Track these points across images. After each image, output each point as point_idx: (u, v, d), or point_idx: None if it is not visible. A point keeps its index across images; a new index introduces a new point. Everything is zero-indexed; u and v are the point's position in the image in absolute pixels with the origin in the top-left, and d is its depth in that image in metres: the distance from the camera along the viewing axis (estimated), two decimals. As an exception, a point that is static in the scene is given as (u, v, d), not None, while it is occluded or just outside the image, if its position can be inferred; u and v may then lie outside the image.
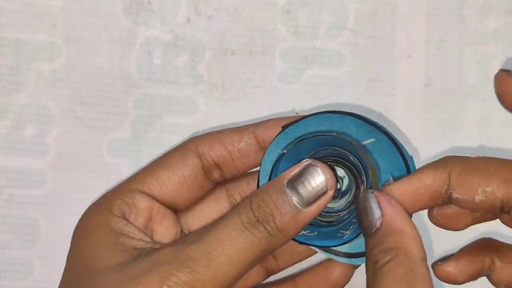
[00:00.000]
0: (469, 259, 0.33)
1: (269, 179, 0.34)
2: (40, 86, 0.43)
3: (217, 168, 0.36)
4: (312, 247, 0.35)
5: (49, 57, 0.43)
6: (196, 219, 0.37)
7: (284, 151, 0.34)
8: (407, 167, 0.33)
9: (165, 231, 0.36)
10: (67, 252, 0.34)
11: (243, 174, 0.37)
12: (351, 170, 0.36)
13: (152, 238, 0.34)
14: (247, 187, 0.38)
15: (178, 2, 0.43)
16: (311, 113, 0.34)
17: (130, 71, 0.43)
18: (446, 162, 0.31)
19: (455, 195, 0.30)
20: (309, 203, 0.31)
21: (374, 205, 0.30)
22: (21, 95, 0.43)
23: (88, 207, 0.35)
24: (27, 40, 0.43)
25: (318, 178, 0.31)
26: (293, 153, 0.34)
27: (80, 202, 0.42)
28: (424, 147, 0.43)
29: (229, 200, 0.38)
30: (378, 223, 0.30)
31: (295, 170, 0.32)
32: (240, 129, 0.36)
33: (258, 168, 0.35)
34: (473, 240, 0.34)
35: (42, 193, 0.42)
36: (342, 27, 0.43)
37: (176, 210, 0.37)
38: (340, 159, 0.36)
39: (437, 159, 0.31)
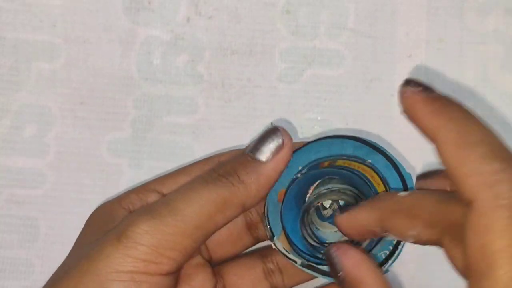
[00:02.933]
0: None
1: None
2: (40, 86, 0.43)
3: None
4: (315, 273, 0.35)
5: (49, 57, 0.43)
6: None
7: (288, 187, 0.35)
8: (404, 187, 0.35)
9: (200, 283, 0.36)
10: (67, 251, 0.34)
11: None
12: (348, 198, 0.37)
13: None
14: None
15: (178, 2, 0.43)
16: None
17: (130, 71, 0.43)
18: (378, 202, 0.32)
19: (390, 236, 0.32)
20: (268, 157, 0.33)
21: (336, 260, 0.32)
22: (21, 95, 0.43)
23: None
24: (27, 40, 0.43)
25: (275, 136, 0.33)
26: (296, 187, 0.35)
27: (80, 202, 0.42)
28: (423, 148, 0.42)
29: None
30: (342, 276, 0.31)
31: (256, 138, 0.34)
32: None
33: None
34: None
35: (42, 193, 0.42)
36: (342, 27, 0.43)
37: None
38: (341, 190, 0.37)
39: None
